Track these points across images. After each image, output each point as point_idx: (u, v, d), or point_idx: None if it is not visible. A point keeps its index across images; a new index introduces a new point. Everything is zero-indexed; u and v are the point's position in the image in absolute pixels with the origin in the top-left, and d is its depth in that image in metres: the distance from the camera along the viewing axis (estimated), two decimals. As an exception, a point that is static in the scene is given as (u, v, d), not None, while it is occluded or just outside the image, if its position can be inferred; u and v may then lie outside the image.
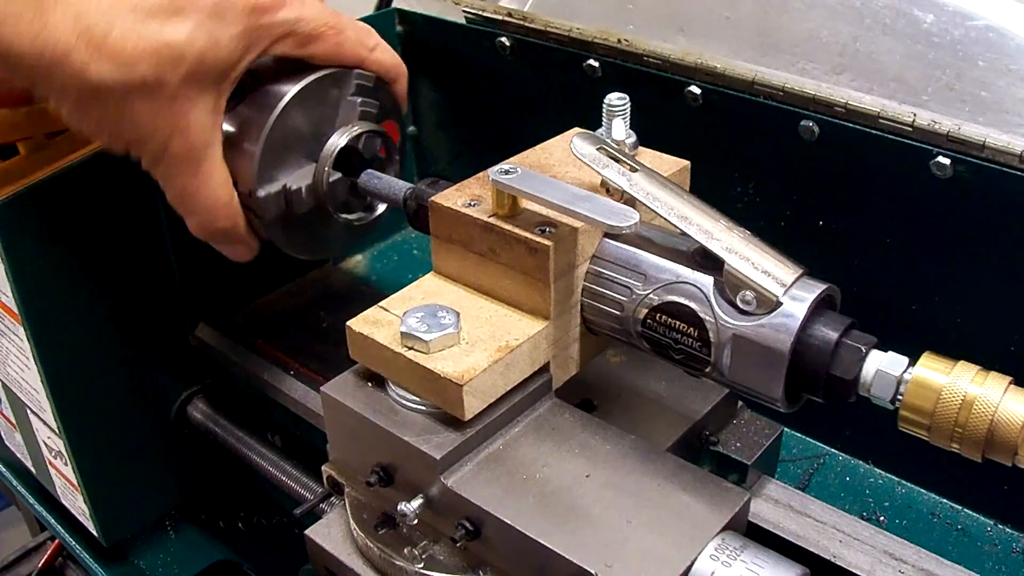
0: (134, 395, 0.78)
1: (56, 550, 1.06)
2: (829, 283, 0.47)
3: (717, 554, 0.45)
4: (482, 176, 0.56)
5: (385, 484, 0.52)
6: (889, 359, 0.45)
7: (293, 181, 0.63)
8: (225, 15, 0.55)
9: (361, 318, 0.53)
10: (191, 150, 0.58)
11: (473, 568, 0.50)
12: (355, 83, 0.64)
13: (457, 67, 0.96)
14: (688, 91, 0.74)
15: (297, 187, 0.63)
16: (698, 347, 0.49)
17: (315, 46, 0.60)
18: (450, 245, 0.55)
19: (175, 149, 0.58)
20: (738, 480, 0.58)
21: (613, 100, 0.55)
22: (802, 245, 0.73)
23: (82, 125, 0.57)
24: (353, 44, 0.63)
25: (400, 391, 0.52)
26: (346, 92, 0.64)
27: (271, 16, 0.57)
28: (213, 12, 0.55)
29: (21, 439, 0.86)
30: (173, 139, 0.58)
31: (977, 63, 0.70)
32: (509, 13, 0.87)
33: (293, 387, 0.73)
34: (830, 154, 0.69)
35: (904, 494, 0.75)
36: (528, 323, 0.52)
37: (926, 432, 0.44)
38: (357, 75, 0.64)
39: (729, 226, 0.49)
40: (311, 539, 0.56)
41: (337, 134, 0.64)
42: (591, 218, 0.48)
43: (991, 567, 0.68)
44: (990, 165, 0.61)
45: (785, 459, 0.78)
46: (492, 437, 0.51)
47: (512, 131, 0.93)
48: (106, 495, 0.79)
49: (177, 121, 0.57)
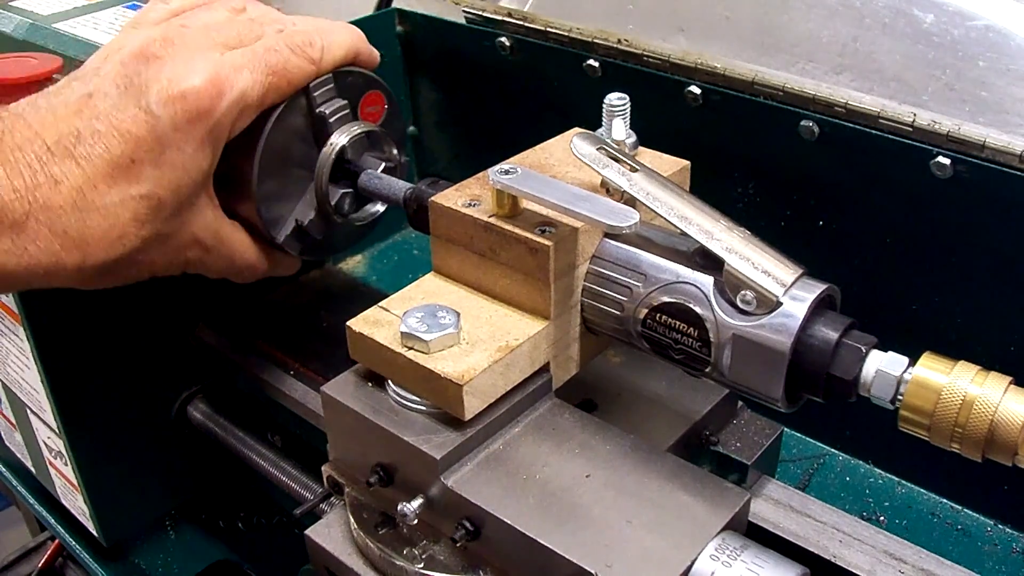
0: (134, 395, 0.78)
1: (56, 550, 1.06)
2: (829, 283, 0.47)
3: (717, 554, 0.45)
4: (482, 176, 0.56)
5: (385, 484, 0.52)
6: (889, 359, 0.45)
7: (300, 213, 0.64)
8: (172, 140, 0.54)
9: (361, 318, 0.53)
10: (207, 248, 0.60)
11: (473, 568, 0.50)
12: (314, 96, 0.62)
13: (457, 67, 0.96)
14: (688, 91, 0.74)
15: (307, 219, 0.65)
16: (698, 347, 0.49)
17: (269, 97, 0.58)
18: (450, 245, 0.55)
19: (195, 257, 0.60)
20: (738, 480, 0.58)
21: (613, 100, 0.55)
22: (802, 245, 0.73)
23: (97, 287, 0.57)
24: (300, 68, 0.60)
25: (400, 391, 0.52)
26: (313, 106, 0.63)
27: (218, 109, 0.55)
28: (161, 144, 0.54)
29: (21, 439, 0.86)
30: (188, 254, 0.60)
31: (977, 63, 0.70)
32: (509, 13, 0.87)
33: (293, 387, 0.73)
34: (830, 154, 0.69)
35: (904, 494, 0.75)
36: (528, 323, 0.52)
37: (926, 432, 0.44)
38: (313, 87, 0.62)
39: (729, 226, 0.49)
40: (311, 539, 0.56)
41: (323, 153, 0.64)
42: (591, 218, 0.48)
43: (991, 567, 0.68)
44: (990, 165, 0.61)
45: (785, 459, 0.78)
46: (492, 437, 0.51)
47: (512, 131, 0.93)
48: (106, 495, 0.79)
49: (184, 243, 0.58)
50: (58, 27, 0.82)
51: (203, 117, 0.55)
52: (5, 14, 0.84)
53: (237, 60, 0.56)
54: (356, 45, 0.64)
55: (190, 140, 0.55)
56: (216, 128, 0.55)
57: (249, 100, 0.57)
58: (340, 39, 0.63)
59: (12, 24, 0.81)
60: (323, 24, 0.62)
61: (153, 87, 0.54)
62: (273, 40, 0.59)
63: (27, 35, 0.81)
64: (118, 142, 0.53)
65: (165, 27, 0.58)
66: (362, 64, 0.66)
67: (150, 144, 0.53)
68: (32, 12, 0.84)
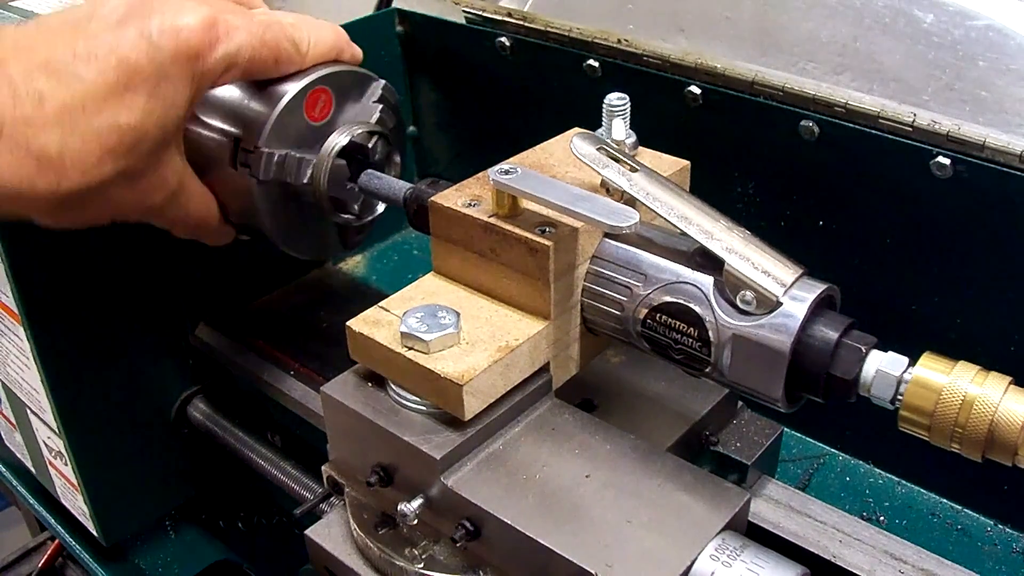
0: (134, 395, 0.78)
1: (56, 550, 1.06)
2: (829, 283, 0.47)
3: (717, 554, 0.45)
4: (482, 176, 0.56)
5: (385, 484, 0.52)
6: (889, 359, 0.45)
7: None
8: (169, 73, 0.53)
9: (361, 318, 0.53)
10: (172, 194, 0.59)
11: (473, 568, 0.50)
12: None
13: (457, 67, 0.96)
14: (688, 91, 0.74)
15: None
16: (698, 347, 0.49)
17: (256, 67, 0.58)
18: (450, 245, 0.55)
19: (158, 202, 0.59)
20: (738, 480, 0.58)
21: (613, 100, 0.55)
22: (802, 245, 0.73)
23: (61, 224, 0.57)
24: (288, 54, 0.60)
25: (400, 391, 0.52)
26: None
27: (211, 56, 0.55)
28: (158, 75, 0.53)
29: (21, 439, 0.86)
30: (154, 197, 0.58)
31: (977, 63, 0.70)
32: (509, 13, 0.87)
33: (293, 387, 0.73)
34: (830, 154, 0.69)
35: (904, 494, 0.75)
36: (528, 323, 0.52)
37: (926, 432, 0.44)
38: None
39: (729, 226, 0.49)
40: (311, 539, 0.56)
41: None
42: (591, 218, 0.48)
43: (991, 567, 0.68)
44: (990, 165, 0.61)
45: (785, 459, 0.78)
46: (492, 437, 0.51)
47: (512, 131, 0.93)
48: (106, 495, 0.79)
49: (152, 185, 0.58)
50: (58, 27, 0.82)
51: (199, 57, 0.54)
52: (5, 14, 0.84)
53: (236, 20, 0.57)
54: (339, 44, 0.64)
55: (183, 77, 0.54)
56: (207, 73, 0.55)
57: (240, 59, 0.57)
58: (325, 36, 0.63)
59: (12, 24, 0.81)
60: (310, 20, 0.63)
61: (156, 17, 0.53)
62: (269, 19, 0.60)
63: (27, 35, 0.81)
64: (114, 67, 0.52)
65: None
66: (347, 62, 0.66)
67: (148, 74, 0.52)
68: (32, 12, 0.84)
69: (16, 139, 0.50)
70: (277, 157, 0.61)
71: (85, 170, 0.52)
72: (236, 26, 0.56)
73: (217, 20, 0.55)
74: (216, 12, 0.55)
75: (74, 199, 0.54)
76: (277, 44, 0.59)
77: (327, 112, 0.64)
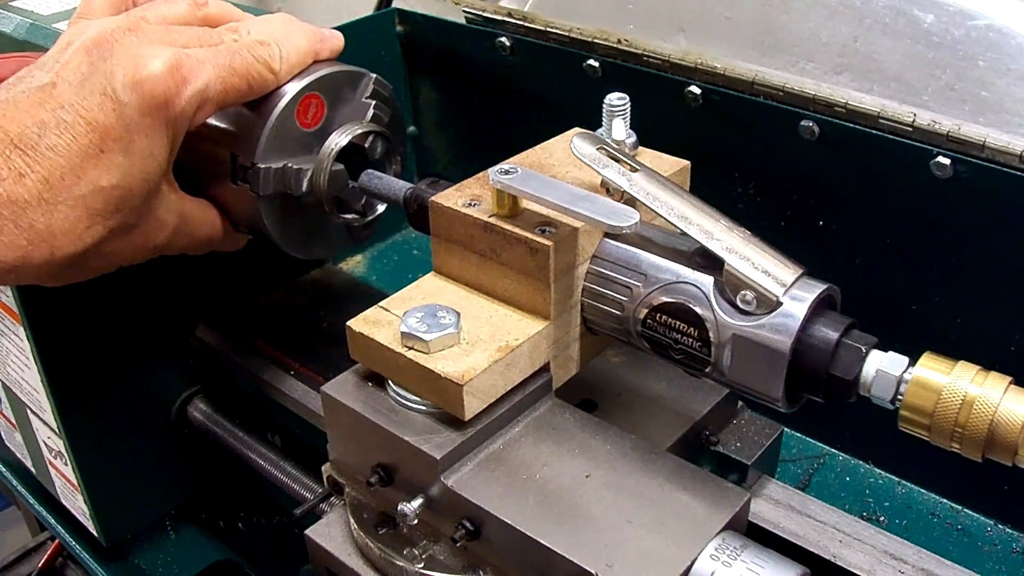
0: (134, 395, 0.78)
1: (56, 550, 1.06)
2: (829, 283, 0.47)
3: (717, 554, 0.45)
4: (482, 176, 0.56)
5: (385, 484, 0.52)
6: (889, 359, 0.45)
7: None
8: (140, 126, 0.53)
9: (361, 318, 0.53)
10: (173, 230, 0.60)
11: (473, 568, 0.50)
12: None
13: (457, 67, 0.96)
14: (688, 91, 0.74)
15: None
16: (698, 347, 0.49)
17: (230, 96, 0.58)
18: (450, 245, 0.55)
19: (162, 242, 0.60)
20: (738, 480, 0.58)
21: (613, 100, 0.55)
22: (802, 245, 0.73)
23: (69, 282, 0.57)
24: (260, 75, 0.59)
25: (400, 391, 0.52)
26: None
27: (180, 99, 0.54)
28: (129, 131, 0.53)
29: (21, 439, 0.86)
30: (156, 239, 0.59)
31: (977, 63, 0.70)
32: (509, 13, 0.87)
33: (293, 387, 0.73)
34: (830, 154, 0.69)
35: (904, 494, 0.75)
36: (528, 323, 0.52)
37: (926, 432, 0.44)
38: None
39: (729, 226, 0.49)
40: (311, 539, 0.56)
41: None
42: (591, 218, 0.48)
43: (991, 567, 0.68)
44: (990, 165, 0.61)
45: (785, 459, 0.78)
46: (492, 437, 0.51)
47: (512, 131, 0.93)
48: (106, 495, 0.79)
49: (150, 229, 0.58)
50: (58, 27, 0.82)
51: (168, 104, 0.54)
52: (5, 14, 0.84)
53: (200, 54, 0.56)
54: (313, 47, 0.63)
55: (156, 126, 0.54)
56: (180, 117, 0.55)
57: (210, 94, 0.56)
58: (297, 44, 0.62)
59: (12, 24, 0.81)
60: (279, 31, 0.61)
61: (118, 72, 0.53)
62: (235, 46, 0.59)
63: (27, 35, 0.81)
64: (85, 131, 0.52)
65: (125, 17, 0.58)
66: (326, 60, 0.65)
67: (119, 132, 0.52)
68: (32, 12, 0.84)
69: (5, 220, 0.50)
70: (275, 170, 0.61)
71: (76, 237, 0.53)
72: (201, 60, 0.55)
73: (180, 62, 0.54)
74: (178, 52, 0.54)
75: (73, 263, 0.54)
76: (247, 70, 0.58)
77: (320, 116, 0.64)
